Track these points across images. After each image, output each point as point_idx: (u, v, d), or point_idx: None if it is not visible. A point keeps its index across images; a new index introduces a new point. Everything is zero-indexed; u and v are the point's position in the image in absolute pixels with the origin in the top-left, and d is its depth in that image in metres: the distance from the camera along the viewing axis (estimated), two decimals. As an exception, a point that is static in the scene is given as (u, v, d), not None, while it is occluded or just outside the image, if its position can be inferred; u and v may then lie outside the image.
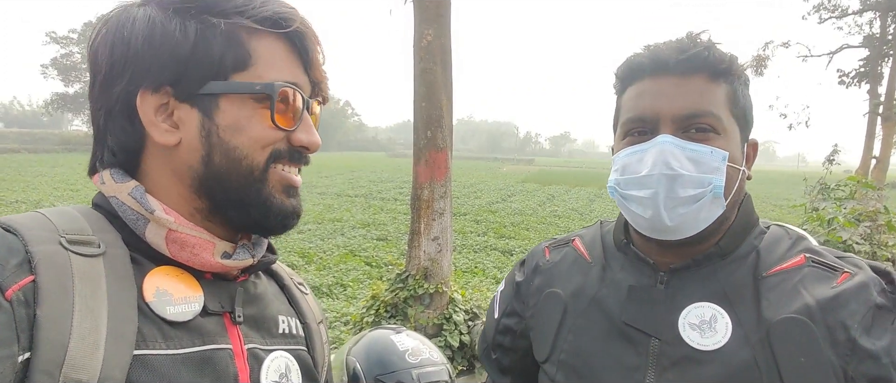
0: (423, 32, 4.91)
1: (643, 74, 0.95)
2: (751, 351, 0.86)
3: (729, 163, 0.90)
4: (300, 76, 0.81)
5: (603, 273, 1.05)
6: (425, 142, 5.02)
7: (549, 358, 1.06)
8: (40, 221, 0.69)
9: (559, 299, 1.08)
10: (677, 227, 0.91)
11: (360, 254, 9.86)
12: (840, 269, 0.90)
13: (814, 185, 7.03)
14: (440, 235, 5.10)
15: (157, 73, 0.73)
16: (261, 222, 0.81)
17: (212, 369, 0.72)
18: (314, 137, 0.83)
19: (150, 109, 0.74)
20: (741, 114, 0.95)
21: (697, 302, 0.92)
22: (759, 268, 0.93)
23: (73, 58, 45.79)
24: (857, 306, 0.85)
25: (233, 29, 0.75)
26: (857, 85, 25.46)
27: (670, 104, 0.91)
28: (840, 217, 5.64)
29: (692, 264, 0.95)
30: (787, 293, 0.89)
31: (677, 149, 0.89)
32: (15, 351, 0.57)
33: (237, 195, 0.77)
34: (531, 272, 1.18)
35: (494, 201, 18.33)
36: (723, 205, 0.92)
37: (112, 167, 0.78)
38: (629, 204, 0.95)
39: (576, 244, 1.16)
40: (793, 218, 9.08)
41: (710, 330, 0.90)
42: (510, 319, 1.20)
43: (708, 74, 0.92)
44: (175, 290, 0.73)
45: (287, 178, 0.81)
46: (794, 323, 0.85)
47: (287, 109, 0.78)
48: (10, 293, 0.59)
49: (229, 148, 0.75)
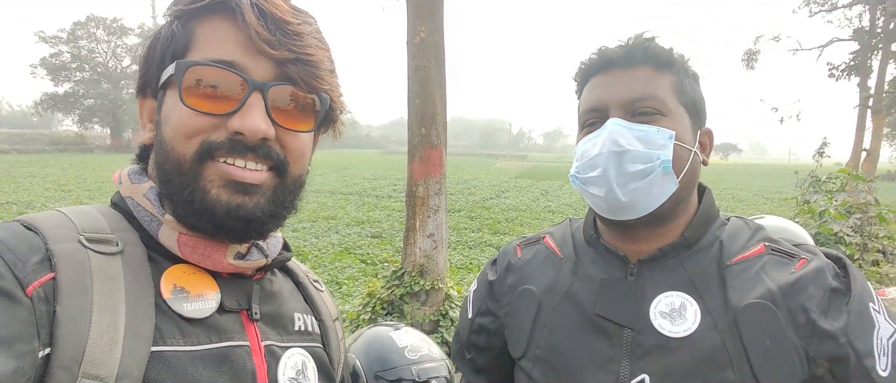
0: (416, 29, 4.91)
1: (595, 72, 1.04)
2: (719, 336, 0.91)
3: (676, 142, 0.96)
4: (244, 55, 0.73)
5: (575, 268, 1.08)
6: (420, 139, 5.02)
7: (525, 355, 1.08)
8: (60, 220, 0.70)
9: (533, 296, 1.10)
10: (631, 203, 0.96)
11: (354, 251, 9.84)
12: (797, 256, 0.96)
13: (805, 178, 7.07)
14: (435, 232, 5.11)
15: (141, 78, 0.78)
16: (193, 222, 0.74)
17: (229, 366, 0.73)
18: (249, 121, 0.71)
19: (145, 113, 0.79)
20: (690, 103, 1.01)
21: (667, 292, 0.96)
22: (722, 257, 0.98)
23: (62, 57, 45.33)
24: (815, 290, 0.90)
25: (178, 17, 0.75)
26: (847, 78, 25.63)
27: (617, 92, 0.99)
28: (831, 209, 5.69)
29: (660, 255, 0.99)
30: (751, 280, 0.94)
31: (625, 130, 0.95)
32: (36, 347, 0.58)
33: (171, 189, 0.74)
34: (504, 270, 1.20)
35: (488, 197, 18.33)
36: (675, 182, 0.96)
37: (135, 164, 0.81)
38: (588, 187, 1.00)
39: (546, 241, 1.18)
40: (785, 210, 9.14)
41: (679, 317, 0.94)
42: (485, 318, 1.21)
43: (653, 66, 0.99)
44: (192, 288, 0.74)
45: (226, 171, 0.73)
46: (759, 307, 0.90)
47: (214, 91, 0.72)
48: (30, 290, 0.60)
49: (162, 140, 0.74)
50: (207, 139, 0.72)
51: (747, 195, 20.75)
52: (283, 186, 0.79)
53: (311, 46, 0.76)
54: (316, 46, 0.77)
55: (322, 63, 0.78)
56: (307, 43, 0.76)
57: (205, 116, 0.71)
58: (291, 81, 0.75)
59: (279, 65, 0.74)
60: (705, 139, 1.05)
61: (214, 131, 0.72)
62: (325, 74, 0.79)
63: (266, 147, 0.74)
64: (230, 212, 0.73)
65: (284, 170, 0.78)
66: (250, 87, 0.72)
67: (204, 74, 0.71)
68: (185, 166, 0.72)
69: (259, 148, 0.74)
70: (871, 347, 0.87)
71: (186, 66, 0.70)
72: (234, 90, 0.72)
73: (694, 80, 1.03)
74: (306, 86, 0.77)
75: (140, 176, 0.79)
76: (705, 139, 1.05)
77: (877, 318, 0.90)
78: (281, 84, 0.75)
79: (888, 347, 0.89)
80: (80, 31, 45.49)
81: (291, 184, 0.80)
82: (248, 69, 0.72)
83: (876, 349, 0.87)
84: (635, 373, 0.94)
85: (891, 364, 0.87)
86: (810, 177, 6.92)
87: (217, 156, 0.72)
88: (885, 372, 0.86)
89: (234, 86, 0.72)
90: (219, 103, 0.71)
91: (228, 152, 0.72)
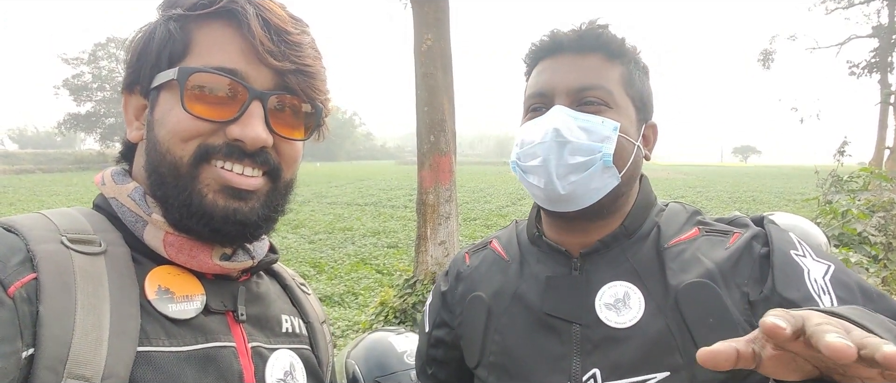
0: (422, 37, 4.94)
1: (544, 55, 1.01)
2: (664, 319, 0.90)
3: (621, 134, 0.94)
4: (246, 64, 0.74)
5: (520, 268, 1.06)
6: (429, 147, 5.04)
7: (480, 363, 1.05)
8: (41, 221, 0.70)
9: (482, 302, 1.08)
10: (570, 196, 0.94)
11: (370, 262, 9.87)
12: (730, 232, 0.96)
13: (826, 178, 6.94)
14: (447, 239, 5.10)
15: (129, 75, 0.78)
16: (187, 225, 0.74)
17: (215, 367, 0.73)
18: (250, 130, 0.73)
19: (131, 109, 0.78)
20: (637, 96, 0.99)
21: (610, 283, 0.95)
22: (660, 240, 0.97)
23: (83, 77, 46.48)
24: (746, 261, 0.91)
25: (175, 21, 0.75)
26: (868, 75, 25.20)
27: (565, 78, 0.96)
28: (853, 209, 5.57)
29: (600, 246, 0.98)
30: (688, 261, 0.94)
31: (569, 118, 0.93)
32: (19, 347, 0.58)
33: (163, 192, 0.74)
34: (454, 280, 1.18)
35: (504, 205, 18.27)
36: (617, 177, 0.95)
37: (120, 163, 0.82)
38: (528, 176, 0.98)
39: (493, 245, 1.16)
40: (806, 212, 8.96)
41: (624, 307, 0.93)
42: (440, 331, 1.18)
43: (603, 54, 0.97)
44: (176, 288, 0.74)
45: (223, 177, 0.74)
46: (699, 286, 0.90)
47: (214, 98, 0.73)
48: (12, 290, 0.60)
49: (156, 141, 0.74)
50: (205, 142, 0.73)
51: (768, 197, 20.41)
52: (275, 191, 0.81)
53: (310, 57, 0.78)
54: (314, 57, 0.79)
55: (319, 73, 0.80)
56: (306, 53, 0.77)
57: (204, 122, 0.72)
58: (289, 91, 0.77)
59: (278, 74, 0.75)
60: (650, 133, 1.04)
61: (212, 135, 0.73)
62: (320, 84, 0.80)
63: (264, 154, 0.76)
64: (227, 216, 0.74)
65: (278, 175, 0.80)
66: (251, 96, 0.73)
67: (206, 81, 0.72)
68: (181, 169, 0.73)
69: (257, 155, 0.75)
70: (806, 291, 0.85)
71: (189, 73, 0.71)
72: (235, 98, 0.73)
73: (644, 72, 1.02)
74: (304, 95, 0.78)
75: (124, 177, 0.79)
76: (650, 133, 1.04)
77: (803, 262, 0.89)
78: (280, 93, 0.76)
79: (827, 284, 0.86)
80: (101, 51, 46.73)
81: (283, 188, 0.82)
82: (249, 77, 0.73)
83: (813, 291, 0.85)
84: (586, 368, 0.92)
85: (835, 299, 0.84)
86: (831, 177, 6.78)
87: (214, 159, 0.73)
88: None
89: (234, 94, 0.73)
90: (219, 110, 0.72)
91: (226, 157, 0.73)
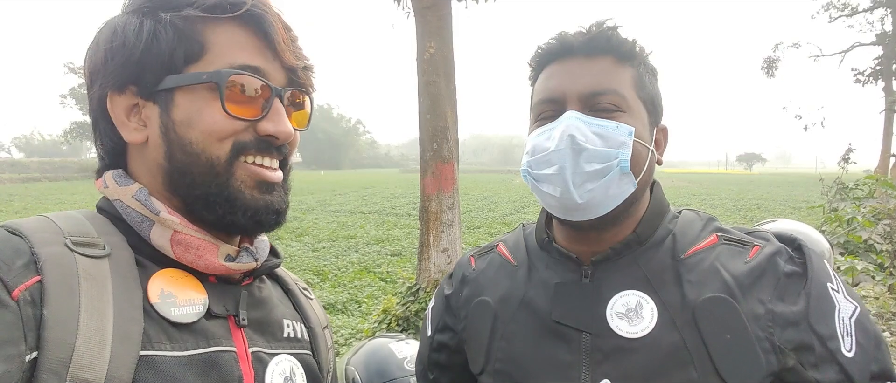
0: (425, 45, 4.96)
1: (552, 59, 0.98)
2: (678, 333, 0.88)
3: (636, 139, 0.91)
4: (265, 62, 0.77)
5: (529, 274, 1.04)
6: (431, 155, 5.04)
7: (485, 369, 1.03)
8: (45, 224, 0.70)
9: (488, 307, 1.05)
10: (588, 205, 0.91)
11: (374, 270, 9.85)
12: (750, 244, 0.93)
13: (831, 186, 6.90)
14: (449, 247, 5.09)
15: (118, 75, 0.76)
16: (230, 220, 0.77)
17: (216, 371, 0.72)
18: (283, 126, 0.78)
19: (121, 110, 0.77)
20: (648, 99, 0.97)
21: (622, 291, 0.93)
22: (676, 250, 0.95)
23: (90, 87, 46.89)
24: (770, 277, 0.88)
25: (184, 21, 0.75)
26: (873, 82, 25.12)
27: (576, 83, 0.93)
28: (859, 216, 5.53)
29: (612, 254, 0.96)
30: (706, 272, 0.91)
31: (583, 124, 0.90)
32: (22, 350, 0.57)
33: (201, 191, 0.76)
34: (459, 283, 1.15)
35: (508, 213, 18.25)
36: (633, 183, 0.92)
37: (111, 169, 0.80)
38: (541, 185, 0.95)
39: (500, 249, 1.14)
40: (812, 219, 8.91)
41: (636, 317, 0.90)
42: (443, 335, 1.15)
43: (614, 57, 0.94)
44: (179, 292, 0.74)
45: (257, 173, 0.78)
46: (718, 301, 0.87)
47: (245, 97, 0.76)
48: (16, 293, 0.60)
49: (185, 143, 0.75)
50: (238, 140, 0.76)
51: (773, 205, 20.31)
52: (286, 179, 0.85)
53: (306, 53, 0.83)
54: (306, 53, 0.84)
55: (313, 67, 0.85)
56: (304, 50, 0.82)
57: (239, 121, 0.75)
58: (298, 85, 0.82)
59: (290, 71, 0.80)
60: (661, 136, 1.01)
61: (244, 132, 0.76)
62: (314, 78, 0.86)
63: (283, 146, 0.81)
64: (267, 207, 0.79)
65: (286, 164, 0.85)
66: (274, 93, 0.77)
67: (242, 81, 0.75)
68: (219, 168, 0.75)
69: (282, 147, 0.80)
70: (833, 329, 0.84)
71: (228, 74, 0.73)
72: (260, 95, 0.76)
73: (653, 74, 0.99)
74: (307, 89, 0.84)
75: (125, 179, 0.79)
76: (661, 136, 1.01)
77: (836, 298, 0.87)
78: (292, 88, 0.81)
79: (851, 326, 0.86)
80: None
81: (288, 175, 0.87)
82: (269, 75, 0.77)
83: (838, 330, 0.85)
84: (596, 379, 0.90)
85: (855, 343, 0.84)
86: (836, 185, 6.75)
87: (246, 155, 0.76)
88: (851, 352, 0.84)
89: (260, 91, 0.76)
90: (250, 108, 0.76)
91: (257, 152, 0.77)
